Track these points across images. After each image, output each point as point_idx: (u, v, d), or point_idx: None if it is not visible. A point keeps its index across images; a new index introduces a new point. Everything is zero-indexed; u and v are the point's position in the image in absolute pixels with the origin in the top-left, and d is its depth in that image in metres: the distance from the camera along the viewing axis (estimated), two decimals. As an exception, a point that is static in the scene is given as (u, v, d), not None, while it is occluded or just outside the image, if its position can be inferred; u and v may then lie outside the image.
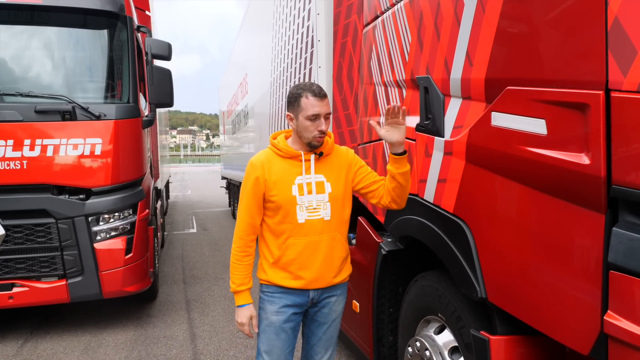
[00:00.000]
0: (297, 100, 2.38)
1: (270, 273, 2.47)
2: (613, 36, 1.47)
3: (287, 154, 2.43)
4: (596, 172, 1.52)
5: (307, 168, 2.41)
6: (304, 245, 2.40)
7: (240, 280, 2.48)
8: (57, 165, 4.84)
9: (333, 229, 2.45)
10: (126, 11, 5.27)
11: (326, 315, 2.59)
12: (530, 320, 1.86)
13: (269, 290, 2.51)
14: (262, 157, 2.46)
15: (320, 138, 2.37)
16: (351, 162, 2.54)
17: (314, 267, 2.43)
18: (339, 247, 2.49)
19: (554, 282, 1.73)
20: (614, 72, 1.47)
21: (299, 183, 2.39)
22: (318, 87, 2.37)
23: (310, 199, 2.39)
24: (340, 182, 2.47)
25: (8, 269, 4.78)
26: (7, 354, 4.64)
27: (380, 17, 3.14)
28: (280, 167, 2.41)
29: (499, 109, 1.93)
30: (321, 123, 2.34)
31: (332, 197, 2.43)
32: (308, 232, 2.40)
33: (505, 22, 1.91)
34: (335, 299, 2.58)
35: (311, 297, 2.50)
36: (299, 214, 2.38)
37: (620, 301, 1.47)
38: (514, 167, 1.88)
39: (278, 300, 2.48)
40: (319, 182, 2.42)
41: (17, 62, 4.99)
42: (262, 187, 2.40)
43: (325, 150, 2.46)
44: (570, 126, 1.62)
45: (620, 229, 1.49)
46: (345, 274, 2.59)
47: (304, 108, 2.34)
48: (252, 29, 8.41)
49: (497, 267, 2.02)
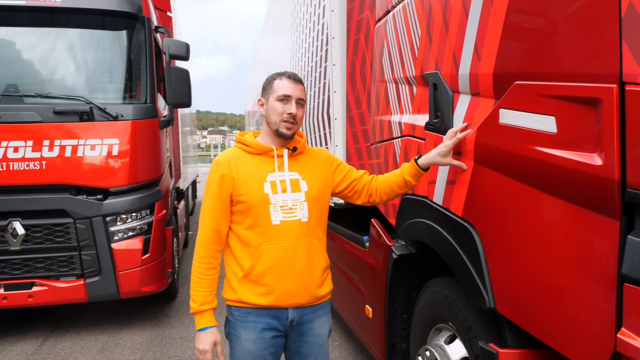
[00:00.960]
0: (270, 83, 2.21)
1: (241, 290, 2.15)
2: (627, 23, 1.32)
3: (258, 149, 2.19)
4: (609, 174, 1.38)
5: (280, 164, 2.18)
6: (280, 251, 2.12)
7: (203, 299, 2.14)
8: (75, 166, 4.87)
9: (311, 232, 2.19)
10: (144, 12, 5.27)
11: (311, 344, 2.26)
12: (539, 334, 1.72)
13: (239, 312, 2.18)
14: (228, 154, 2.22)
15: (289, 124, 2.14)
16: (328, 160, 2.33)
17: (293, 277, 2.14)
18: (318, 255, 2.22)
19: (565, 293, 1.59)
20: (628, 63, 1.32)
21: (272, 180, 2.14)
22: (294, 73, 2.22)
23: (285, 198, 2.13)
24: (317, 181, 2.24)
25: (28, 268, 4.84)
26: (27, 352, 4.69)
27: (391, 11, 3.02)
28: (249, 164, 2.17)
29: (507, 106, 1.80)
30: (291, 106, 2.14)
31: (309, 197, 2.18)
32: (284, 235, 2.12)
33: (513, 12, 1.77)
34: (317, 322, 2.26)
35: (290, 318, 2.19)
36: (273, 214, 2.11)
37: (635, 318, 1.32)
38: (523, 168, 1.74)
39: (253, 325, 2.15)
40: (293, 179, 2.18)
41: (36, 63, 5.05)
42: (229, 186, 2.13)
43: (299, 146, 2.24)
44: (582, 124, 1.47)
45: (636, 237, 1.34)
46: (327, 287, 2.29)
47: (276, 89, 2.16)
48: (272, 28, 8.36)
49: (506, 275, 1.88)
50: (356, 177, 2.36)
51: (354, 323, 4.03)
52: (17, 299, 4.80)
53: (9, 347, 4.81)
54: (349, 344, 4.68)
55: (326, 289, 2.29)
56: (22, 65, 5.01)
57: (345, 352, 4.51)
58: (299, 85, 2.19)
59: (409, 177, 2.29)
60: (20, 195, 4.78)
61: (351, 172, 2.38)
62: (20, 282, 4.80)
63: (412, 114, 2.72)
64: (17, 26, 4.98)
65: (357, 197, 2.39)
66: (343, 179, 2.35)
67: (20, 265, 4.81)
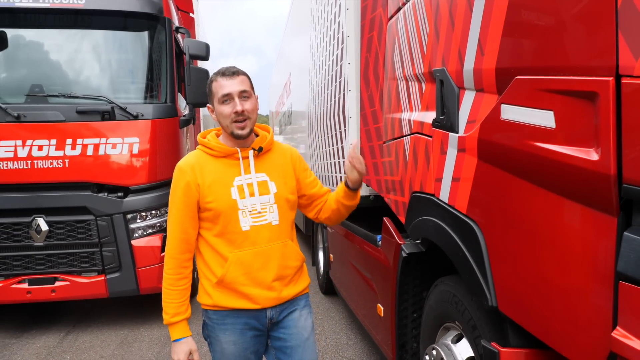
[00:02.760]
0: (209, 88, 2.10)
1: (216, 295, 2.09)
2: (624, 14, 1.29)
3: (221, 152, 2.10)
4: (606, 169, 1.35)
5: (246, 167, 2.09)
6: (251, 257, 2.06)
7: (175, 310, 2.08)
8: (97, 164, 4.99)
9: (284, 234, 2.13)
10: (164, 13, 5.36)
11: (295, 337, 2.19)
12: (538, 332, 1.69)
13: (217, 316, 2.13)
14: (190, 159, 2.12)
15: (240, 123, 2.04)
16: (295, 161, 2.26)
17: (266, 282, 2.09)
18: (293, 256, 2.17)
19: (563, 292, 1.55)
20: (624, 55, 1.29)
21: (239, 184, 2.06)
22: (229, 68, 2.09)
23: (253, 202, 2.06)
24: (286, 181, 2.17)
25: (51, 263, 4.97)
26: (49, 345, 4.82)
27: (402, 9, 3.00)
28: (214, 168, 2.08)
29: (509, 101, 1.77)
30: (235, 104, 2.02)
31: (279, 198, 2.11)
32: (255, 240, 2.06)
33: (514, 7, 1.74)
34: (298, 315, 2.21)
35: (269, 316, 2.15)
36: (242, 220, 2.04)
37: (631, 316, 1.29)
38: (523, 164, 1.71)
39: (232, 326, 2.10)
40: (261, 181, 2.10)
41: (59, 64, 5.19)
42: (194, 193, 2.05)
43: (265, 144, 2.15)
44: (579, 118, 1.44)
45: (632, 234, 1.30)
46: (303, 284, 2.25)
47: (215, 92, 2.06)
48: (294, 28, 8.39)
49: (507, 273, 1.85)
50: (320, 193, 2.33)
51: (367, 322, 4.01)
52: (40, 293, 4.94)
53: (32, 340, 4.95)
54: (364, 343, 4.67)
55: (302, 284, 2.25)
56: (46, 66, 5.15)
57: (359, 352, 4.50)
58: (235, 77, 2.07)
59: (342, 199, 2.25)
60: (44, 192, 4.92)
61: (316, 181, 2.34)
62: (43, 277, 4.95)
63: (421, 111, 2.69)
64: (41, 28, 5.13)
65: (311, 208, 2.35)
66: (306, 186, 2.29)
67: (43, 261, 4.96)
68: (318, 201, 2.34)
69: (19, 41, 5.13)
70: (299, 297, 2.24)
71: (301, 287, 2.25)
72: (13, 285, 4.90)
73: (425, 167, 2.60)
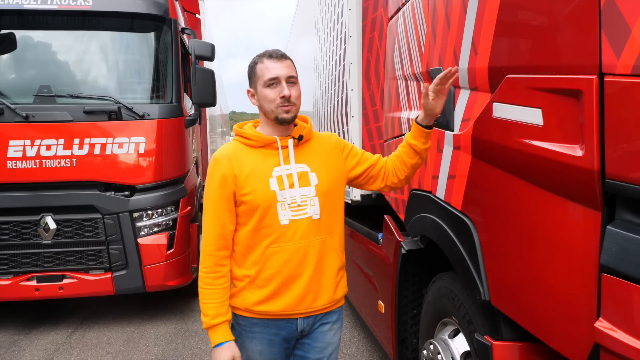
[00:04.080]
0: (252, 70, 1.99)
1: (247, 297, 1.98)
2: (606, 14, 1.33)
3: (259, 141, 1.97)
4: (589, 165, 1.39)
5: (285, 156, 1.96)
6: (289, 253, 1.93)
7: (216, 310, 1.93)
8: (104, 163, 5.06)
9: (323, 230, 1.99)
10: (170, 14, 5.43)
11: (320, 351, 2.07)
12: (528, 325, 1.73)
13: (245, 322, 2.01)
14: (227, 150, 2.00)
15: (286, 107, 1.92)
16: (338, 146, 2.11)
17: (303, 281, 1.95)
18: (332, 254, 2.02)
19: (551, 285, 1.60)
20: (607, 54, 1.33)
21: (278, 175, 1.93)
22: (276, 50, 1.99)
23: (293, 194, 1.93)
24: (329, 172, 2.02)
25: (59, 261, 5.05)
26: (57, 341, 4.90)
27: (401, 9, 3.05)
28: (252, 159, 1.96)
29: (500, 99, 1.81)
30: (283, 88, 1.91)
31: (320, 191, 1.98)
32: (293, 236, 1.93)
33: (505, 7, 1.79)
34: (329, 328, 2.08)
35: (300, 328, 2.02)
36: (280, 213, 1.92)
37: (613, 308, 1.33)
38: (514, 161, 1.75)
39: (259, 336, 1.99)
40: (301, 172, 1.97)
41: (67, 64, 5.28)
42: (231, 185, 1.92)
43: (305, 133, 2.02)
44: (566, 115, 1.48)
45: (614, 228, 1.34)
46: (340, 292, 2.09)
47: (260, 75, 1.94)
48: (299, 29, 8.45)
49: (499, 267, 1.90)
50: (372, 163, 2.14)
51: (369, 319, 4.06)
52: (48, 290, 5.02)
53: (40, 336, 5.04)
54: (367, 340, 4.71)
55: (340, 292, 2.09)
56: (54, 67, 5.24)
57: (362, 348, 4.54)
58: (283, 61, 1.96)
59: (412, 140, 2.07)
60: (52, 191, 5.00)
61: (365, 156, 2.16)
62: (51, 275, 5.02)
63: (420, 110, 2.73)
64: (49, 29, 5.22)
65: (372, 182, 2.17)
66: (356, 164, 2.12)
67: (51, 259, 5.03)
68: (376, 170, 2.15)
69: (28, 42, 5.22)
70: (333, 310, 2.09)
71: (338, 295, 2.09)
72: (22, 282, 4.98)
73: (422, 165, 2.64)
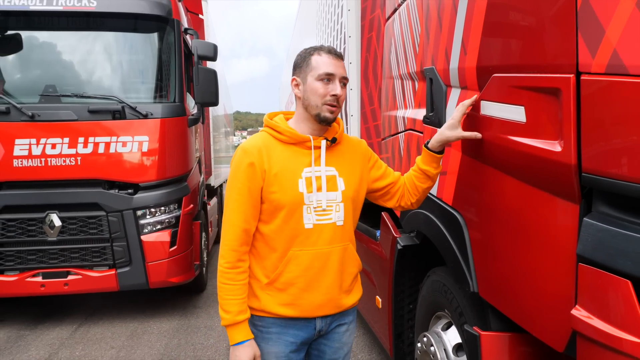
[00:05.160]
0: (305, 59, 1.89)
1: (264, 298, 1.90)
2: (582, 15, 1.39)
3: (292, 138, 1.88)
4: (567, 160, 1.45)
5: (316, 157, 1.87)
6: (311, 258, 1.86)
7: (238, 307, 1.85)
8: (108, 162, 5.15)
9: (346, 237, 1.94)
10: (173, 15, 5.51)
11: (336, 351, 2.04)
12: (513, 315, 1.79)
13: (262, 323, 1.93)
14: (257, 141, 1.90)
15: (333, 107, 1.85)
16: (366, 154, 2.05)
17: (322, 288, 1.89)
18: (352, 261, 1.99)
19: (533, 275, 1.66)
20: (583, 53, 1.39)
21: (307, 176, 1.85)
22: (334, 48, 1.93)
23: (319, 198, 1.85)
24: (355, 178, 1.97)
25: (64, 257, 5.14)
26: (62, 336, 5.00)
27: (397, 10, 3.11)
28: (282, 155, 1.86)
29: (487, 98, 1.88)
30: (335, 87, 1.84)
31: (346, 197, 1.91)
32: (316, 240, 1.86)
33: (491, 7, 1.85)
34: (345, 328, 2.05)
35: (318, 328, 1.96)
36: (305, 216, 1.84)
37: (588, 296, 1.39)
38: (500, 157, 1.82)
39: (276, 337, 1.92)
40: (330, 176, 1.89)
41: (71, 64, 5.37)
42: (259, 179, 1.83)
43: (337, 136, 1.95)
44: (546, 113, 1.55)
45: (590, 220, 1.41)
46: (356, 295, 2.07)
47: (315, 67, 1.85)
48: (301, 29, 8.52)
49: (487, 260, 1.96)
50: (393, 180, 2.10)
51: (368, 315, 4.12)
52: (54, 286, 5.11)
53: (45, 331, 5.13)
54: (366, 337, 4.78)
55: (356, 296, 2.06)
56: (59, 67, 5.33)
57: (361, 345, 4.61)
58: (340, 61, 1.90)
59: (424, 166, 2.03)
60: (57, 189, 5.09)
61: (388, 171, 2.11)
62: (56, 271, 5.12)
63: (414, 109, 2.80)
64: (54, 30, 5.32)
65: (388, 199, 2.11)
66: (380, 177, 2.08)
67: (57, 255, 5.13)
68: (395, 188, 2.10)
69: (33, 43, 5.32)
70: (349, 310, 2.06)
71: (355, 298, 2.06)
72: (28, 278, 5.08)
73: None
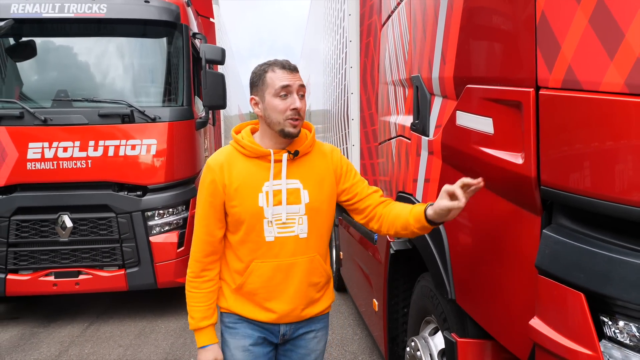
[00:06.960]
0: (261, 77, 1.87)
1: (232, 300, 1.98)
2: (541, 30, 1.41)
3: (253, 152, 1.90)
4: (528, 172, 1.47)
5: (277, 171, 1.89)
6: (272, 269, 1.90)
7: (202, 314, 1.95)
8: (118, 164, 5.27)
9: (311, 249, 1.94)
10: (182, 20, 5.61)
11: (303, 357, 2.06)
12: (483, 322, 1.82)
13: (230, 319, 2.01)
14: (220, 156, 1.93)
15: (295, 121, 1.84)
16: (336, 164, 2.01)
17: (285, 298, 1.92)
18: (318, 272, 1.98)
19: (500, 285, 1.69)
20: (541, 68, 1.42)
21: (267, 190, 1.87)
22: (287, 61, 1.90)
23: (278, 211, 1.87)
24: (323, 190, 1.95)
25: (75, 257, 5.29)
26: (73, 334, 5.14)
27: (391, 16, 3.14)
28: (243, 170, 1.89)
29: (461, 108, 1.90)
30: (294, 99, 1.83)
31: (311, 209, 1.91)
32: (278, 253, 1.89)
33: (464, 19, 1.88)
34: (313, 335, 2.06)
35: (282, 332, 2.00)
36: (266, 230, 1.87)
37: (545, 308, 1.41)
38: (473, 167, 1.84)
39: (242, 332, 1.98)
40: (292, 189, 1.89)
41: (82, 70, 5.51)
42: (220, 194, 1.88)
43: (302, 148, 1.93)
44: (511, 125, 1.57)
45: (548, 232, 1.43)
46: (325, 303, 2.06)
47: (270, 83, 1.84)
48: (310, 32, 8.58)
49: (463, 268, 1.99)
50: (362, 196, 2.01)
51: (366, 317, 4.16)
52: (65, 285, 5.26)
53: (58, 329, 5.28)
54: (368, 339, 4.81)
55: (324, 304, 2.07)
56: (71, 72, 5.48)
57: (363, 346, 4.65)
58: (296, 73, 1.88)
59: (411, 220, 1.86)
60: (69, 191, 5.23)
61: (358, 185, 2.03)
62: (68, 271, 5.26)
63: (405, 115, 2.83)
64: (65, 36, 5.47)
65: (355, 214, 2.07)
66: (346, 190, 2.02)
67: (68, 255, 5.27)
68: (362, 203, 2.02)
69: (46, 49, 5.47)
70: (317, 317, 2.07)
71: (322, 306, 2.06)
72: (40, 277, 5.24)
73: (405, 168, 2.74)
